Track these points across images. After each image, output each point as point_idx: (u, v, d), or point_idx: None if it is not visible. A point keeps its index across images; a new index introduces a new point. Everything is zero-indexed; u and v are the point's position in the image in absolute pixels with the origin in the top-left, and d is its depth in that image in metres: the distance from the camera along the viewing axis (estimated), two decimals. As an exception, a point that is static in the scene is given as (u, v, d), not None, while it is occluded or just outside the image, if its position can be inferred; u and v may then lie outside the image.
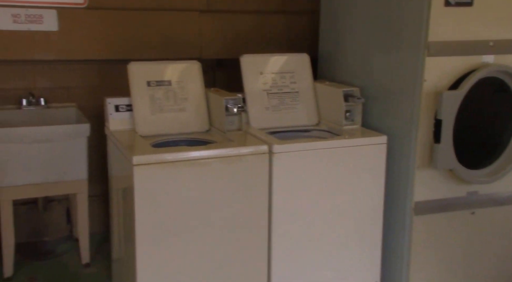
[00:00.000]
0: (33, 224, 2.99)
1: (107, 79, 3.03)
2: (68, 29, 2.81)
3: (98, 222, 3.06)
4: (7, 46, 2.71)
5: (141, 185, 2.01)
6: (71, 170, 2.64)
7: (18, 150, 2.52)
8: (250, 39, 3.18)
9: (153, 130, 2.41)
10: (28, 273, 2.66)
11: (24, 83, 2.87)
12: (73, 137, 2.62)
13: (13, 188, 2.54)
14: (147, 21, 2.97)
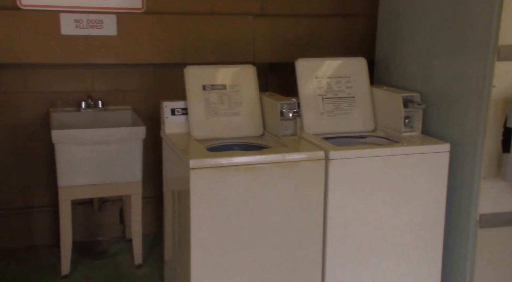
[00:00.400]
0: (88, 223, 3.06)
1: (162, 82, 3.08)
2: (126, 34, 2.87)
3: (151, 223, 3.10)
4: (70, 51, 2.79)
5: (197, 188, 2.01)
6: (126, 172, 2.69)
7: (77, 151, 2.58)
8: (305, 43, 3.15)
9: (208, 134, 2.41)
10: (84, 272, 2.72)
11: (84, 86, 2.95)
12: (129, 140, 2.67)
13: (72, 188, 2.61)
14: (202, 25, 2.99)
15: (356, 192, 2.17)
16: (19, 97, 2.85)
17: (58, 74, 2.90)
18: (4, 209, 2.80)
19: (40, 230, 2.99)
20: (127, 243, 3.04)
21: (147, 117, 2.88)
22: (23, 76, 2.84)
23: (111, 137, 2.64)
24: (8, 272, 2.65)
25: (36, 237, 2.98)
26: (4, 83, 2.81)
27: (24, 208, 2.94)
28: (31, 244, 2.96)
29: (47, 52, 2.76)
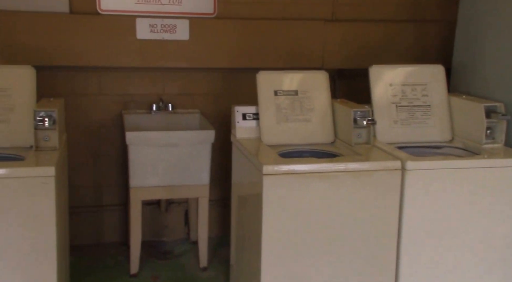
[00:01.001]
0: (154, 224, 3.12)
1: (230, 87, 3.09)
2: (197, 38, 2.91)
3: (215, 226, 3.12)
4: (144, 55, 2.86)
5: (269, 194, 2.00)
6: (194, 174, 2.71)
7: (149, 153, 2.64)
8: (376, 49, 3.08)
9: (278, 139, 2.40)
10: (152, 271, 2.77)
11: (155, 89, 3.02)
12: (198, 143, 2.69)
13: (142, 189, 2.66)
14: (272, 30, 2.99)
15: (433, 205, 2.09)
16: (94, 99, 2.94)
17: (132, 77, 2.98)
18: (78, 206, 2.89)
19: (109, 228, 3.07)
20: (191, 245, 3.07)
21: (214, 121, 2.91)
22: (98, 79, 2.94)
23: (182, 140, 2.67)
24: (80, 268, 2.74)
25: (105, 234, 3.07)
26: (81, 86, 2.91)
27: (96, 206, 3.04)
28: (101, 242, 3.05)
29: (123, 56, 2.84)
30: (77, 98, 2.90)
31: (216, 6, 2.93)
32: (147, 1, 2.85)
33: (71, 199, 2.66)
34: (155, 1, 2.86)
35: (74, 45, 2.75)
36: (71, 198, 2.64)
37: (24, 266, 1.93)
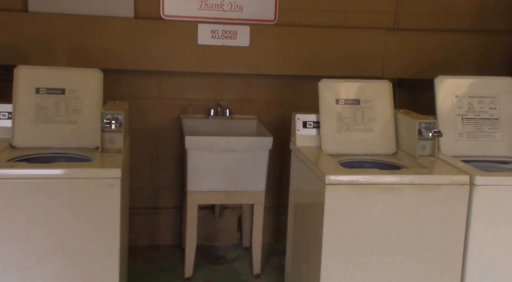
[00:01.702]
0: (207, 228, 3.14)
1: (288, 94, 3.09)
2: (257, 45, 2.92)
3: (267, 233, 3.11)
4: (204, 60, 2.89)
5: (331, 204, 1.97)
6: (251, 181, 2.72)
7: (207, 158, 2.65)
8: (439, 59, 3.00)
9: (339, 149, 2.37)
10: (205, 275, 2.79)
11: (213, 95, 3.05)
12: (256, 149, 2.69)
13: (199, 193, 2.68)
14: (333, 38, 2.97)
15: (503, 222, 2.01)
16: (154, 103, 3.00)
17: (191, 82, 3.02)
18: (135, 208, 2.95)
19: (164, 231, 3.12)
20: (244, 250, 3.08)
21: (270, 128, 2.90)
22: (159, 83, 3.00)
23: (240, 146, 2.68)
24: (136, 269, 2.79)
25: (160, 237, 3.11)
26: (143, 89, 2.98)
27: (152, 208, 3.09)
28: (156, 243, 3.10)
29: (184, 61, 2.88)
30: (138, 102, 2.96)
31: (277, 13, 2.93)
32: (209, 7, 2.89)
33: (129, 200, 2.72)
34: (217, 7, 2.89)
35: (138, 49, 2.82)
36: (129, 199, 2.70)
37: (88, 264, 1.97)
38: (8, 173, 1.88)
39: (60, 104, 2.27)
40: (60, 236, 1.92)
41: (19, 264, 1.89)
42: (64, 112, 2.27)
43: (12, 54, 2.64)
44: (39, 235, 1.90)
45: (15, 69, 2.24)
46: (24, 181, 1.88)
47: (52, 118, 2.25)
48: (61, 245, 1.92)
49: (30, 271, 1.91)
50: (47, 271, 1.92)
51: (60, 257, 1.93)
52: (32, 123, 2.22)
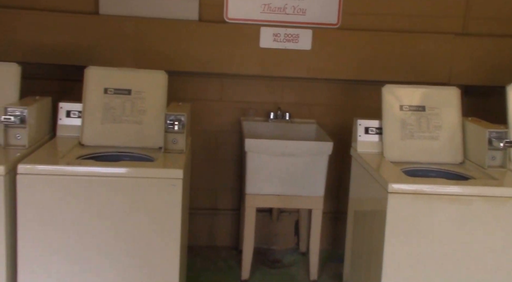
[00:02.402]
0: (264, 231, 3.14)
1: (349, 99, 3.04)
2: (319, 49, 2.90)
3: (325, 239, 3.07)
4: (265, 63, 2.90)
5: (393, 213, 1.92)
6: (309, 186, 2.69)
7: (266, 161, 2.65)
8: (509, 65, 2.86)
9: (401, 156, 2.31)
10: (261, 279, 2.79)
11: (273, 98, 3.05)
12: (315, 154, 2.67)
13: (257, 196, 2.68)
14: (398, 43, 2.89)
15: None
16: (215, 105, 3.04)
17: (252, 85, 3.04)
18: (194, 208, 2.99)
19: (222, 232, 3.14)
20: (300, 255, 3.05)
21: (330, 133, 2.86)
22: (220, 86, 3.03)
23: (299, 150, 2.66)
24: (194, 269, 2.82)
25: (218, 238, 3.15)
26: (203, 91, 3.02)
27: (210, 209, 3.13)
28: (213, 244, 3.13)
29: (245, 64, 2.90)
30: (199, 104, 3.00)
31: (340, 16, 2.90)
32: (272, 11, 2.89)
33: (189, 201, 2.77)
34: (280, 10, 2.89)
35: (201, 52, 2.86)
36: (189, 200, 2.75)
37: (149, 261, 2.01)
38: (77, 170, 1.95)
39: (126, 105, 2.34)
40: (122, 233, 1.97)
41: (83, 258, 1.96)
42: (130, 113, 2.33)
43: (83, 55, 2.75)
44: (103, 231, 1.96)
45: (86, 70, 2.33)
46: (91, 178, 1.94)
47: (118, 118, 2.32)
48: (123, 242, 1.97)
49: (93, 266, 1.97)
50: (109, 266, 1.98)
51: (121, 253, 1.98)
52: (99, 123, 2.30)
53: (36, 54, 2.74)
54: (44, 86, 2.73)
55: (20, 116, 2.10)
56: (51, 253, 1.92)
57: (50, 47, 2.75)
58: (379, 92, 2.38)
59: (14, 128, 2.11)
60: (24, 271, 1.92)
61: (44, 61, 2.77)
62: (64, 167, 1.94)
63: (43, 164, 1.92)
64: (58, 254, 1.93)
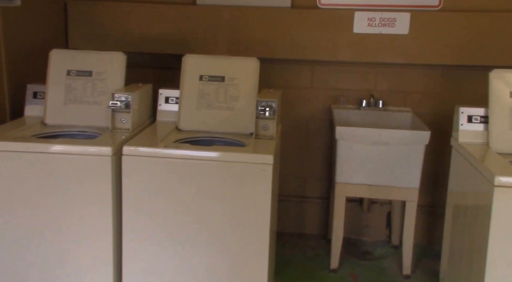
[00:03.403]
0: (354, 222, 3.07)
1: (450, 86, 2.87)
2: (417, 33, 2.75)
3: (419, 233, 2.93)
4: (358, 49, 2.81)
5: (500, 208, 1.78)
6: (404, 177, 2.58)
7: (357, 150, 2.58)
8: None
9: (510, 147, 2.13)
10: (351, 269, 2.73)
11: (366, 85, 2.95)
12: (411, 144, 2.55)
13: (348, 185, 2.62)
14: (505, 24, 2.67)
15: None
16: (306, 93, 3.00)
17: (344, 72, 2.96)
18: (283, 195, 2.99)
19: (310, 220, 3.12)
20: (392, 248, 2.95)
21: (427, 122, 2.72)
22: (311, 72, 2.99)
23: (392, 139, 2.56)
24: (282, 255, 2.84)
25: (306, 226, 3.13)
26: (294, 78, 2.99)
27: (299, 197, 3.12)
28: (302, 232, 3.12)
29: (337, 50, 2.83)
30: (290, 91, 2.98)
31: (441, -2, 2.74)
32: (367, -6, 2.80)
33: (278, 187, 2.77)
34: (375, -6, 2.79)
35: (293, 39, 2.83)
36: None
37: (239, 246, 2.04)
38: (174, 153, 2.02)
39: (220, 91, 2.38)
40: (214, 214, 2.02)
41: (179, 233, 2.03)
42: (223, 99, 2.37)
43: (181, 44, 2.84)
44: (195, 211, 2.02)
45: (183, 58, 2.40)
46: (186, 161, 2.01)
47: (212, 104, 2.37)
48: (214, 223, 2.02)
49: (182, 248, 2.04)
50: (198, 249, 2.04)
51: (213, 234, 2.03)
52: (195, 108, 2.37)
53: (139, 44, 2.88)
54: (145, 74, 2.86)
55: (125, 101, 2.22)
56: (152, 226, 2.03)
57: (152, 37, 2.88)
58: (484, 78, 2.21)
59: (120, 113, 2.24)
60: (128, 240, 2.04)
61: (147, 51, 2.90)
62: (163, 150, 2.03)
63: (144, 146, 2.02)
64: (158, 228, 2.03)
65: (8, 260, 2.06)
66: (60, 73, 2.39)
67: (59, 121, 2.35)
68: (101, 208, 2.01)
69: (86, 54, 2.45)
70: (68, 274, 2.06)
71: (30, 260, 2.06)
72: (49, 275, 2.07)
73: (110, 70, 2.40)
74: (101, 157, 1.98)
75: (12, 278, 2.07)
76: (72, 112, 2.36)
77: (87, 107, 2.36)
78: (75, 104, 2.37)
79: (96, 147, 2.01)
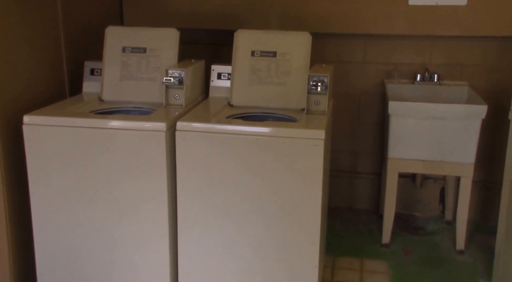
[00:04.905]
0: (407, 197, 3.05)
1: (508, 58, 2.76)
2: (477, 3, 2.65)
3: (472, 209, 2.88)
4: (414, 22, 2.73)
5: (561, 185, 1.72)
6: (459, 152, 2.53)
7: (411, 125, 2.54)
8: None
9: None
10: (402, 245, 2.73)
11: (421, 59, 2.88)
12: (466, 118, 2.49)
13: (400, 161, 2.60)
14: None
15: None
16: (358, 67, 2.96)
17: (397, 46, 2.90)
18: (335, 170, 3.00)
19: (362, 195, 3.12)
20: (445, 224, 2.91)
21: (485, 96, 2.63)
22: (364, 47, 2.94)
23: (447, 114, 2.50)
24: (334, 230, 2.87)
25: (358, 201, 3.13)
26: (347, 53, 2.96)
27: (351, 172, 3.11)
28: (353, 207, 3.13)
29: (392, 23, 2.77)
30: (342, 66, 2.95)
31: (508, -35, 2.61)
32: (423, -36, 2.70)
33: (330, 163, 2.77)
34: (432, -37, 2.69)
35: (347, 12, 2.79)
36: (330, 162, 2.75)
37: (289, 222, 2.06)
38: (227, 128, 2.06)
39: (271, 67, 2.38)
40: (265, 190, 2.04)
41: (230, 209, 2.07)
42: (275, 74, 2.38)
43: (233, 19, 2.86)
44: (248, 186, 2.04)
45: (235, 33, 2.41)
46: (239, 137, 2.03)
47: (264, 79, 2.38)
48: (267, 198, 2.05)
49: (234, 223, 2.07)
50: (249, 224, 2.07)
51: (265, 209, 2.05)
52: (247, 84, 2.38)
53: (192, 20, 2.92)
54: (198, 50, 2.91)
55: (179, 78, 2.26)
56: (205, 201, 2.08)
57: (204, 13, 2.91)
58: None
59: (173, 89, 2.28)
60: (182, 214, 2.10)
61: (200, 27, 2.93)
62: (215, 125, 2.06)
63: (198, 121, 2.07)
64: (210, 203, 2.08)
65: (64, 232, 2.17)
66: (116, 50, 2.46)
67: (115, 97, 2.42)
68: (156, 183, 2.07)
69: (140, 31, 2.51)
70: (125, 246, 2.16)
71: (88, 235, 2.16)
72: (105, 248, 2.16)
73: (163, 47, 2.44)
74: (155, 132, 2.04)
75: (66, 249, 2.18)
76: (127, 89, 2.43)
77: (142, 83, 2.43)
78: (130, 81, 2.44)
79: (151, 123, 2.06)
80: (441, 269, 2.50)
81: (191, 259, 2.11)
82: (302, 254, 2.07)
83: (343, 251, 2.67)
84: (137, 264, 2.16)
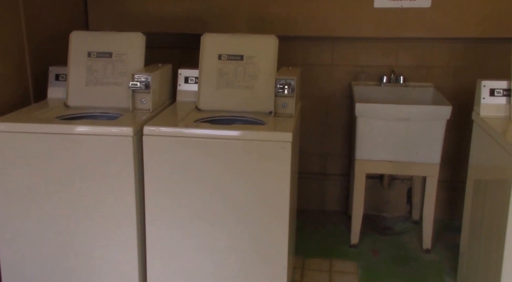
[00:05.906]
0: (374, 198, 3.08)
1: (473, 59, 2.82)
2: (440, 5, 2.70)
3: (439, 209, 2.94)
4: (380, 24, 2.77)
5: (520, 183, 1.76)
6: (425, 152, 2.57)
7: (377, 126, 2.58)
8: None
9: (532, 121, 2.10)
10: (371, 245, 2.76)
11: (387, 61, 2.93)
12: (431, 119, 2.53)
13: (368, 162, 2.63)
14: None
15: None
16: (326, 70, 2.99)
17: (364, 48, 2.93)
18: (303, 172, 3.01)
19: (331, 197, 3.15)
20: (413, 224, 2.96)
21: (450, 97, 2.69)
22: (331, 49, 2.97)
23: (413, 115, 2.54)
24: (303, 231, 2.88)
25: (327, 202, 3.15)
26: (315, 56, 2.98)
27: (320, 174, 3.13)
28: (322, 209, 3.15)
29: (358, 26, 2.80)
30: (310, 68, 2.97)
31: (466, -32, 2.67)
32: (387, -33, 2.74)
33: (298, 165, 2.79)
34: (396, -34, 2.74)
35: (312, 15, 2.81)
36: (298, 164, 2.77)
37: (258, 223, 2.06)
38: (194, 132, 2.05)
39: (238, 70, 2.39)
40: (233, 193, 2.04)
41: (200, 210, 2.06)
42: (242, 78, 2.38)
43: (199, 23, 2.85)
44: (216, 189, 2.04)
45: (202, 37, 2.40)
46: (207, 140, 2.03)
47: (231, 83, 2.38)
48: (234, 200, 2.04)
49: (203, 226, 2.07)
50: (218, 227, 2.06)
51: (233, 212, 2.05)
52: (214, 88, 2.38)
53: (158, 24, 2.90)
54: (165, 54, 2.88)
55: (145, 82, 2.25)
56: (174, 205, 2.07)
57: (170, 17, 2.89)
58: (507, 51, 2.16)
59: (140, 94, 2.26)
60: (151, 219, 2.09)
61: (166, 31, 2.91)
62: (183, 129, 2.05)
63: (165, 126, 2.05)
64: (179, 207, 2.07)
65: (32, 240, 2.13)
66: (81, 55, 2.42)
67: (81, 102, 2.39)
68: (123, 187, 2.06)
69: (106, 35, 2.48)
70: (92, 250, 2.13)
71: (54, 240, 2.12)
72: (72, 253, 2.14)
73: (129, 51, 2.42)
74: (122, 137, 2.02)
75: (35, 257, 2.14)
76: (93, 94, 2.40)
77: (108, 88, 2.40)
78: (96, 86, 2.41)
79: (118, 127, 2.04)
80: (409, 268, 2.54)
81: (160, 260, 2.10)
82: (271, 255, 2.07)
83: (312, 252, 2.69)
84: (105, 268, 2.13)
